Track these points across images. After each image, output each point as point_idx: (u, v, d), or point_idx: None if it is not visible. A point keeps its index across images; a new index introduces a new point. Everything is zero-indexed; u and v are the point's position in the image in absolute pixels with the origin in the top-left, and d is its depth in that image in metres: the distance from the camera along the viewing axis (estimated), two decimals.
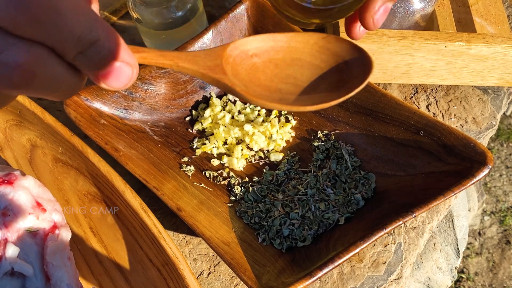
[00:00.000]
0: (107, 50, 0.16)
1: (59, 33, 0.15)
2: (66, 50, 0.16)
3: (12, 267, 0.29)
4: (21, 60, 0.15)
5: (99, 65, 0.17)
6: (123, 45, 0.17)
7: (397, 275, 0.39)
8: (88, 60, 0.16)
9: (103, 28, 0.16)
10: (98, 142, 0.38)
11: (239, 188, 0.40)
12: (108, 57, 0.17)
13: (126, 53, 0.17)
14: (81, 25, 0.15)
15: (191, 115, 0.45)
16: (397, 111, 0.38)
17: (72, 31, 0.15)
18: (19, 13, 0.14)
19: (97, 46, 0.16)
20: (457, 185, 0.32)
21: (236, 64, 0.27)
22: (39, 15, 0.14)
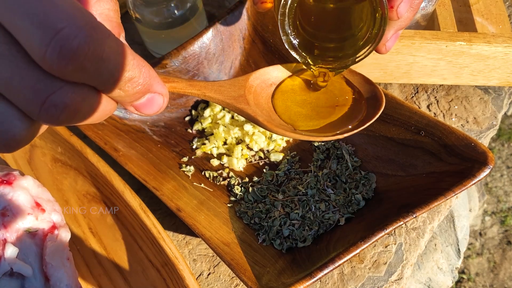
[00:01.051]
0: (141, 85, 0.18)
1: (101, 76, 0.17)
2: (106, 89, 0.18)
3: (11, 267, 0.29)
4: (67, 101, 0.16)
5: (135, 98, 0.19)
6: (156, 78, 0.19)
7: (397, 276, 0.39)
8: (125, 95, 0.18)
9: (139, 66, 0.18)
10: (97, 142, 0.38)
11: (239, 188, 0.40)
12: (143, 91, 0.19)
13: (158, 84, 0.20)
14: (120, 67, 0.17)
15: (191, 115, 0.45)
16: (397, 111, 0.38)
17: (113, 74, 0.17)
18: (68, 64, 0.15)
19: (133, 82, 0.18)
20: (458, 185, 0.31)
21: (257, 94, 0.28)
22: (84, 64, 0.15)
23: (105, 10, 0.20)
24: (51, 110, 0.16)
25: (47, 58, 0.15)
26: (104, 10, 0.19)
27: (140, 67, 0.18)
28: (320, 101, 0.31)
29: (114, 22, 0.20)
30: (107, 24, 0.20)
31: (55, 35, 0.14)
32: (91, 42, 0.15)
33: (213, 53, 0.45)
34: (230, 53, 0.45)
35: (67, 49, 0.15)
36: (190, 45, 0.43)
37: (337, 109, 0.31)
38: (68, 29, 0.15)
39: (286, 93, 0.30)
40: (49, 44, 0.14)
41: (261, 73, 0.29)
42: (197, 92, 0.25)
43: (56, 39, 0.14)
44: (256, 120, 0.27)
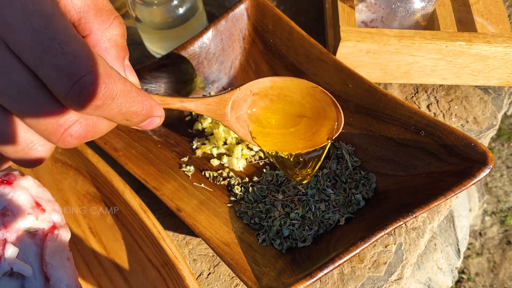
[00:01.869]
0: (144, 115, 0.23)
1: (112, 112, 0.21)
2: (114, 119, 0.22)
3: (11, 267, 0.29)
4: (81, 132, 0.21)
5: (138, 123, 0.23)
6: (155, 106, 0.23)
7: (397, 276, 0.39)
8: (130, 123, 0.23)
9: (142, 101, 0.22)
10: (97, 142, 0.38)
11: (239, 188, 0.40)
12: (145, 119, 0.23)
13: (157, 110, 0.24)
14: (127, 104, 0.21)
15: (191, 115, 0.45)
16: (397, 111, 0.38)
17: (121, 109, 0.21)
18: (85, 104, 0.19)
19: (138, 115, 0.22)
20: (457, 185, 0.31)
21: (239, 106, 0.34)
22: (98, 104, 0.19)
23: (113, 36, 0.23)
24: (68, 139, 0.21)
25: (68, 98, 0.19)
26: (113, 36, 0.23)
27: (143, 102, 0.22)
28: (293, 109, 0.36)
29: (120, 47, 0.23)
30: (114, 50, 0.23)
31: (77, 81, 0.18)
32: (105, 87, 0.19)
33: (213, 53, 0.45)
34: (230, 53, 0.45)
35: (85, 93, 0.19)
36: (190, 45, 0.43)
37: (304, 120, 0.35)
38: (87, 77, 0.18)
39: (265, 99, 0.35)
40: (72, 88, 0.18)
41: (246, 87, 0.33)
42: (189, 110, 0.30)
43: (77, 85, 0.18)
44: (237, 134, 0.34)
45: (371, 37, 0.41)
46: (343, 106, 0.41)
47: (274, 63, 0.45)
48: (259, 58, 0.46)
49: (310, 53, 0.42)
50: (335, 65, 0.41)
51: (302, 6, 0.56)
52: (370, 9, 0.44)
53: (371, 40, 0.41)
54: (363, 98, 0.40)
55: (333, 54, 0.42)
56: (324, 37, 0.51)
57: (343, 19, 0.42)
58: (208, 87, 0.46)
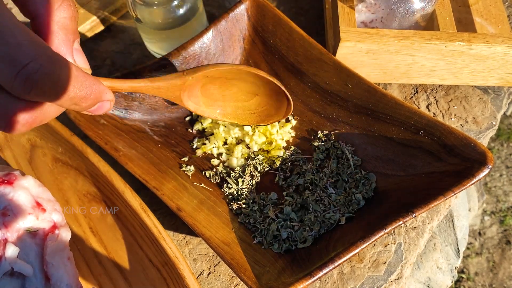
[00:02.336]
0: (93, 100, 0.23)
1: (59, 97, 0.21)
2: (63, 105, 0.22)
3: (12, 267, 0.29)
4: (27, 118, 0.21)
5: (87, 108, 0.23)
6: (104, 90, 0.24)
7: (397, 275, 0.39)
8: (80, 107, 0.23)
9: (90, 85, 0.22)
10: (98, 142, 0.38)
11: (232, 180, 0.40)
12: (94, 103, 0.23)
13: (106, 94, 0.24)
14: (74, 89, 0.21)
15: (191, 115, 0.45)
16: (397, 111, 0.38)
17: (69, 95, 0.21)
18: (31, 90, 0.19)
19: (86, 99, 0.22)
20: (457, 185, 0.31)
21: (192, 87, 0.35)
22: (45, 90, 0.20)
23: (61, 19, 0.23)
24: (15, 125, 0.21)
25: (14, 86, 0.19)
26: (61, 19, 0.23)
27: (91, 86, 0.22)
28: (245, 87, 0.38)
29: (69, 30, 0.23)
30: (62, 33, 0.23)
31: (21, 69, 0.18)
32: (50, 73, 0.19)
33: (213, 53, 0.45)
34: (230, 53, 0.46)
35: (31, 80, 0.19)
36: (190, 45, 0.43)
37: (256, 97, 0.39)
38: (32, 64, 0.19)
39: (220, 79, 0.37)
40: (17, 75, 0.19)
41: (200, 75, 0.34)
42: (138, 91, 0.31)
43: (22, 72, 0.19)
44: (188, 109, 0.36)
45: (371, 37, 0.41)
46: (343, 106, 0.41)
47: (274, 64, 0.45)
48: (259, 58, 0.46)
49: (310, 53, 0.42)
50: (335, 66, 0.41)
51: (302, 6, 0.56)
52: (369, 10, 0.44)
53: (370, 40, 0.41)
54: (362, 98, 0.40)
55: (333, 55, 0.42)
56: (324, 37, 0.51)
57: (343, 20, 0.42)
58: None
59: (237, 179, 0.40)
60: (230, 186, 0.40)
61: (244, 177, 0.40)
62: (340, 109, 0.42)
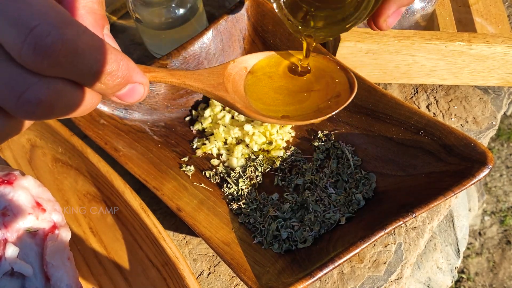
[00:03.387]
0: (121, 78, 0.19)
1: (79, 71, 0.17)
2: (85, 82, 0.18)
3: (12, 267, 0.29)
4: (42, 97, 0.17)
5: (116, 89, 0.19)
6: (135, 69, 0.20)
7: (397, 275, 0.39)
8: (106, 87, 0.19)
9: (116, 59, 0.18)
10: (98, 142, 0.38)
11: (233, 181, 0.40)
12: (123, 83, 0.19)
13: (138, 75, 0.20)
14: (97, 61, 0.17)
15: (191, 115, 0.45)
16: (397, 111, 0.38)
17: (90, 68, 0.17)
18: (43, 59, 0.16)
19: (113, 76, 0.18)
20: (457, 185, 0.31)
21: (235, 81, 0.30)
22: (59, 60, 0.16)
23: (88, 3, 0.20)
24: (26, 106, 0.17)
25: (23, 55, 0.15)
26: (88, 2, 0.20)
27: (118, 61, 0.19)
28: (296, 87, 0.32)
29: (98, 14, 0.20)
30: (90, 16, 0.20)
31: (30, 32, 0.15)
32: (65, 38, 0.16)
33: (213, 53, 0.45)
34: (230, 53, 0.46)
35: (41, 46, 0.15)
36: (190, 45, 0.43)
37: (312, 94, 0.32)
38: (41, 27, 0.15)
39: (264, 80, 0.32)
40: (25, 41, 0.15)
41: (239, 61, 0.30)
42: (177, 81, 0.26)
43: (30, 36, 0.15)
44: (235, 106, 0.29)
45: (371, 37, 0.41)
46: None
47: None
48: None
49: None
50: None
51: None
52: None
53: (370, 40, 0.41)
54: (363, 98, 0.40)
55: (333, 55, 0.42)
56: None
57: None
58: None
59: (237, 179, 0.40)
60: (230, 186, 0.40)
61: (244, 178, 0.40)
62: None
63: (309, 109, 0.32)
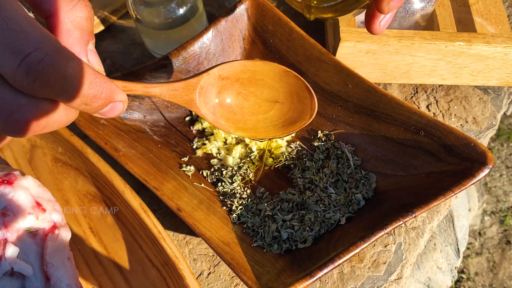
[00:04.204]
0: (104, 99, 0.21)
1: (66, 93, 0.19)
2: (72, 103, 0.20)
3: (12, 267, 0.29)
4: (30, 117, 0.19)
5: (99, 109, 0.22)
6: (116, 90, 0.22)
7: (397, 275, 0.39)
8: (90, 108, 0.21)
9: (100, 83, 0.21)
10: (98, 142, 0.38)
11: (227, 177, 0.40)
12: (106, 103, 0.22)
13: (118, 94, 0.22)
14: (84, 86, 0.19)
15: (191, 115, 0.45)
16: (397, 111, 0.38)
17: (77, 91, 0.19)
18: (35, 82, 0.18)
19: (97, 98, 0.21)
20: (457, 185, 0.31)
21: (208, 92, 0.32)
22: (50, 83, 0.18)
23: (77, 18, 0.22)
24: (14, 125, 0.19)
25: (17, 77, 0.17)
26: (77, 18, 0.22)
27: (102, 84, 0.21)
28: (265, 93, 0.35)
29: (85, 30, 0.22)
30: (77, 32, 0.22)
31: (24, 58, 0.17)
32: (55, 64, 0.18)
33: (213, 53, 0.45)
34: (230, 53, 0.46)
35: (34, 70, 0.17)
36: (190, 45, 0.43)
37: (277, 105, 0.35)
38: (35, 53, 0.17)
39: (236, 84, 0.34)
40: (19, 65, 0.17)
41: (214, 71, 0.32)
42: (153, 95, 0.29)
43: (25, 61, 0.17)
44: (206, 119, 0.32)
45: (371, 37, 0.41)
46: (343, 106, 0.41)
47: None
48: (259, 58, 0.46)
49: (310, 53, 0.42)
50: (335, 65, 0.41)
51: None
52: None
53: (370, 40, 0.41)
54: (362, 98, 0.40)
55: (333, 55, 0.42)
56: (324, 37, 0.51)
57: (343, 20, 0.42)
58: None
59: (231, 177, 0.40)
60: (224, 185, 0.40)
61: (237, 176, 0.40)
62: (340, 109, 0.42)
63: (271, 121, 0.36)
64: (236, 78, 0.34)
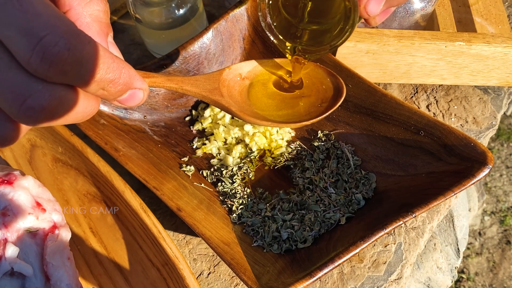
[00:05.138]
0: (122, 85, 0.20)
1: (82, 78, 0.18)
2: (89, 89, 0.19)
3: (12, 267, 0.29)
4: (44, 103, 0.18)
5: (117, 95, 0.21)
6: (135, 76, 0.21)
7: (397, 275, 0.39)
8: (108, 94, 0.20)
9: (118, 68, 0.20)
10: (98, 142, 0.38)
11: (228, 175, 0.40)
12: (124, 89, 0.21)
13: (138, 81, 0.21)
14: (100, 70, 0.19)
15: (191, 115, 0.45)
16: (397, 111, 0.38)
17: (94, 76, 0.18)
18: (50, 67, 0.17)
19: (115, 83, 0.20)
20: (457, 185, 0.31)
21: (230, 87, 0.31)
22: (65, 68, 0.17)
23: (95, 11, 0.21)
24: (29, 112, 0.18)
25: (32, 62, 0.17)
26: (94, 11, 0.21)
27: (120, 69, 0.20)
28: (288, 93, 0.35)
29: (103, 23, 0.22)
30: (96, 25, 0.21)
31: (39, 42, 0.16)
32: (71, 48, 0.17)
33: (213, 53, 0.45)
34: (230, 53, 0.46)
35: (49, 54, 0.17)
36: (190, 45, 0.43)
37: (303, 99, 0.34)
38: (49, 37, 0.16)
39: (258, 86, 0.34)
40: (34, 49, 0.16)
41: (235, 68, 0.32)
42: (175, 86, 0.27)
43: (39, 46, 0.16)
44: (230, 110, 0.30)
45: (371, 37, 0.41)
46: (343, 106, 0.41)
47: None
48: (259, 58, 0.46)
49: None
50: (335, 65, 0.41)
51: None
52: None
53: (370, 40, 0.41)
54: (362, 98, 0.40)
55: (333, 55, 0.42)
56: None
57: None
58: None
59: (231, 177, 0.40)
60: (224, 185, 0.40)
61: (238, 176, 0.40)
62: (340, 109, 0.42)
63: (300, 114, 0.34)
64: (256, 80, 0.33)
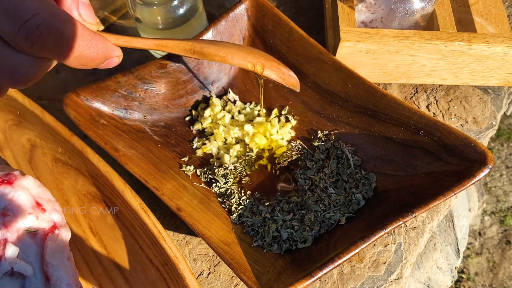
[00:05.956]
0: (101, 59, 0.23)
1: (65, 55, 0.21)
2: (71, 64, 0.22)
3: (12, 267, 0.29)
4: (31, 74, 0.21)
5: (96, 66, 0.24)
6: (112, 48, 0.24)
7: (397, 275, 0.39)
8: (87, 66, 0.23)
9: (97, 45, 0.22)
10: (98, 142, 0.38)
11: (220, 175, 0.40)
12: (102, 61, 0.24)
13: (114, 51, 0.25)
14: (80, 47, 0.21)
15: (191, 115, 0.45)
16: (397, 111, 0.38)
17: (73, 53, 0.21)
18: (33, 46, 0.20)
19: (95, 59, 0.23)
20: (457, 185, 0.31)
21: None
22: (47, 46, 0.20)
23: None
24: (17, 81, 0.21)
25: (17, 41, 0.19)
26: None
27: (98, 45, 0.22)
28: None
29: None
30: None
31: (23, 24, 0.19)
32: (52, 29, 0.19)
33: None
34: None
35: (32, 35, 0.19)
36: None
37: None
38: (33, 20, 0.19)
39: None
40: (18, 31, 0.19)
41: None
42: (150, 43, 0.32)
43: (23, 28, 0.19)
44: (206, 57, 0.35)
45: (371, 37, 0.41)
46: (343, 106, 0.41)
47: None
48: None
49: (309, 53, 0.42)
50: (335, 65, 0.41)
51: (302, 6, 0.56)
52: (369, 10, 0.44)
53: (370, 40, 0.41)
54: (362, 98, 0.40)
55: (333, 55, 0.42)
56: (324, 37, 0.51)
57: (343, 20, 0.42)
58: (208, 87, 0.46)
59: (224, 176, 0.40)
60: (218, 185, 0.40)
61: (230, 175, 0.40)
62: (340, 109, 0.42)
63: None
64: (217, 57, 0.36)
